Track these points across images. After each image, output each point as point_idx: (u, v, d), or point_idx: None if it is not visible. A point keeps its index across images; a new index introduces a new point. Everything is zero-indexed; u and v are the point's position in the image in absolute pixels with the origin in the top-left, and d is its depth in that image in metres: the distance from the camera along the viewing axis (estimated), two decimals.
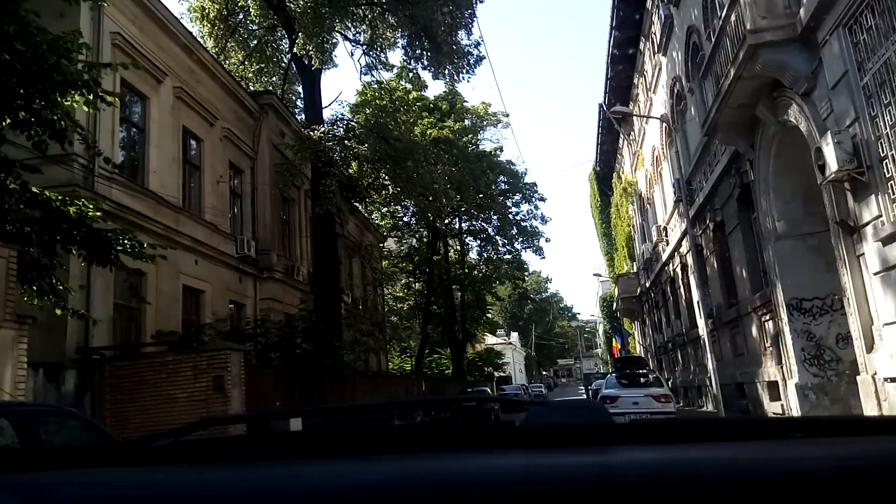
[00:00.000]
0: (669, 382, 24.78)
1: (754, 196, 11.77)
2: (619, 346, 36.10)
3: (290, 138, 17.68)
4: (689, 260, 18.74)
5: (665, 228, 22.23)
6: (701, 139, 15.22)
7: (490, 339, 53.82)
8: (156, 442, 1.21)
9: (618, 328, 37.94)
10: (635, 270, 31.36)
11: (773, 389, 11.97)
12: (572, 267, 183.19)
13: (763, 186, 11.25)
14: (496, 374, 43.64)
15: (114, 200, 11.69)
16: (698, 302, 16.15)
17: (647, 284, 27.78)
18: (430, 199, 20.18)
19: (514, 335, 67.44)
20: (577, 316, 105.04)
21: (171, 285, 13.61)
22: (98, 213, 8.00)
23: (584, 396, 44.06)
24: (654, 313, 27.87)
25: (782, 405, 11.44)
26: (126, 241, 7.84)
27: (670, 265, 22.08)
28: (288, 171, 19.07)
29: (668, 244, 22.04)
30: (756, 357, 13.16)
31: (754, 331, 13.18)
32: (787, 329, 10.64)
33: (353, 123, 18.85)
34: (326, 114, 19.72)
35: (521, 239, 31.46)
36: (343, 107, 45.53)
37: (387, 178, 20.53)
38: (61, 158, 9.64)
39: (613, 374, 14.98)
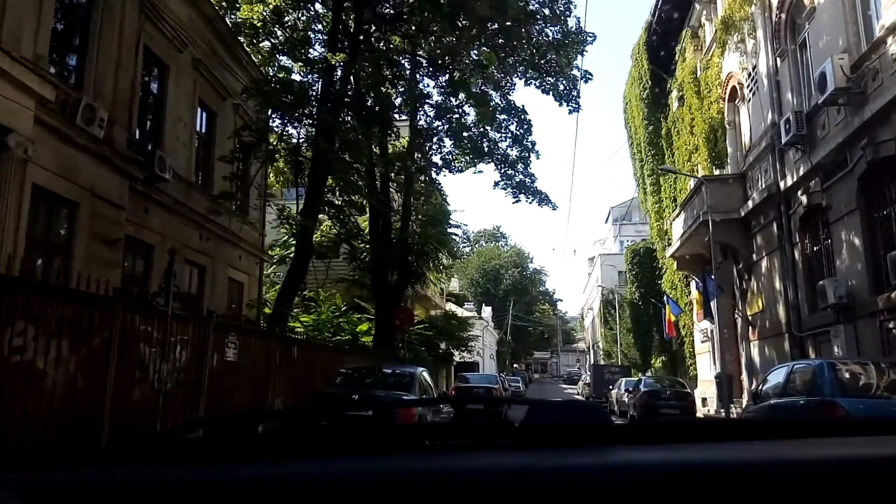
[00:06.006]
0: None
1: None
2: (678, 318, 21.28)
3: None
4: None
5: None
6: None
7: (458, 312, 38.71)
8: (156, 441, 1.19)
9: (662, 294, 23.14)
10: (738, 172, 16.58)
11: None
12: (546, 240, 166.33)
13: None
14: (457, 354, 28.53)
15: None
16: None
17: (791, 181, 13.02)
18: None
19: (487, 310, 51.94)
20: (559, 303, 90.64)
21: None
22: None
23: (592, 402, 29.55)
24: (807, 243, 13.12)
25: None
26: None
27: None
28: None
29: None
30: None
31: None
32: None
33: None
34: None
35: (536, 75, 15.65)
36: None
37: None
38: None
39: None
